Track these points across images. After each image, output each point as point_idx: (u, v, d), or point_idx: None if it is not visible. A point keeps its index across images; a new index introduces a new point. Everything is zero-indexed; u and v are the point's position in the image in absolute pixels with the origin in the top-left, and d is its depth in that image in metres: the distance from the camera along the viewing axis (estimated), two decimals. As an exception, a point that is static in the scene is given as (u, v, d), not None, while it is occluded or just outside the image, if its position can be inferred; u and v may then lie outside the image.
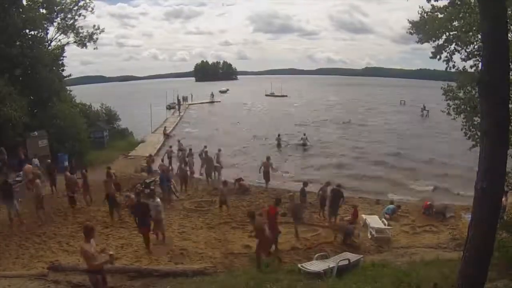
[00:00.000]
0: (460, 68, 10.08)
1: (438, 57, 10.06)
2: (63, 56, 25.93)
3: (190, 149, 20.31)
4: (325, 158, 25.12)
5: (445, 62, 9.94)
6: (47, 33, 24.65)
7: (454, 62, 9.93)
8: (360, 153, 26.74)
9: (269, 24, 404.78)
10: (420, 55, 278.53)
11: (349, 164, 23.73)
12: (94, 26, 27.27)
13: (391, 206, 14.13)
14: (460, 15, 9.66)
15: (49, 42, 25.09)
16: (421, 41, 10.61)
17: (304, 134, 29.27)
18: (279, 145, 28.26)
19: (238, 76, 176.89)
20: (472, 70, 9.75)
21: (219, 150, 20.33)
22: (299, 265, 8.34)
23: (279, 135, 29.14)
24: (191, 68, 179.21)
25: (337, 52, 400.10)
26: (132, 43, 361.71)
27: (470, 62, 9.88)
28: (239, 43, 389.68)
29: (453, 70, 10.00)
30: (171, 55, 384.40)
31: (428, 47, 10.66)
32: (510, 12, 7.06)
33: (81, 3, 25.92)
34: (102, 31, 27.60)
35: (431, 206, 14.09)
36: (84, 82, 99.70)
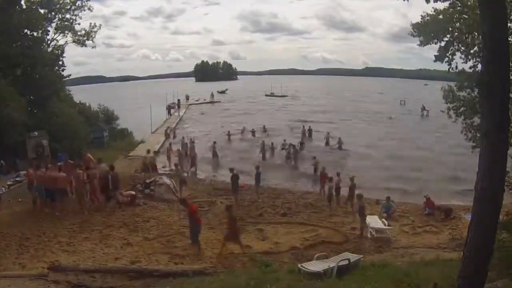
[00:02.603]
0: (460, 69, 10.14)
1: (442, 60, 10.09)
2: (63, 56, 25.98)
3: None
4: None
5: (447, 63, 9.97)
6: (47, 34, 24.71)
7: (456, 63, 9.96)
8: (361, 153, 26.80)
9: (259, 23, 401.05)
10: (416, 55, 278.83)
11: (350, 163, 23.78)
12: (91, 24, 27.33)
13: (385, 203, 14.15)
14: (460, 16, 9.70)
15: (49, 42, 25.12)
16: (422, 43, 10.62)
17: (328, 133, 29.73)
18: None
19: (238, 76, 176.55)
20: (472, 70, 9.79)
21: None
22: (299, 265, 8.33)
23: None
24: (186, 68, 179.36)
25: (333, 51, 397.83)
26: (122, 43, 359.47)
27: (470, 63, 9.94)
28: (232, 42, 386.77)
29: (455, 70, 10.04)
30: (164, 55, 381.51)
31: (425, 47, 10.73)
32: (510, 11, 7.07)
33: (78, 3, 25.96)
34: (99, 28, 27.65)
35: (433, 205, 14.05)
36: (85, 82, 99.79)
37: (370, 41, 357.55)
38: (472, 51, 9.81)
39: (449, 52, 10.03)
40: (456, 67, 10.07)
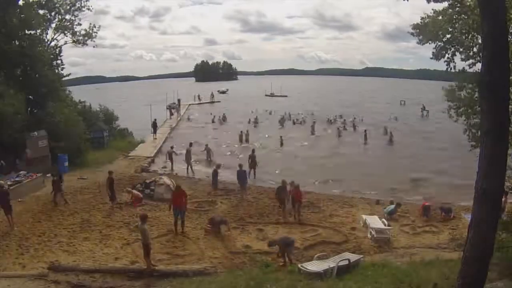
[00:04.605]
0: (460, 68, 10.14)
1: (439, 58, 10.10)
2: (60, 55, 25.89)
3: None
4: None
5: (446, 63, 9.97)
6: (47, 33, 24.69)
7: (455, 63, 9.96)
8: (363, 152, 26.85)
9: (250, 22, 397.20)
10: (415, 55, 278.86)
11: (351, 162, 23.79)
12: (90, 24, 27.29)
13: (391, 206, 14.09)
14: (460, 17, 9.70)
15: (48, 42, 25.10)
16: (421, 42, 10.65)
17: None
18: None
19: (238, 77, 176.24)
20: (472, 70, 9.80)
21: None
22: (299, 265, 8.35)
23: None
24: (182, 68, 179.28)
25: (329, 50, 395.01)
26: (115, 43, 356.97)
27: (470, 63, 9.94)
28: (225, 42, 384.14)
29: (454, 70, 10.05)
30: (158, 56, 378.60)
31: (425, 47, 10.74)
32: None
33: (78, 4, 25.95)
34: (99, 29, 27.62)
35: (429, 208, 14.04)
36: (85, 82, 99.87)
37: (365, 40, 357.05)
38: (471, 52, 9.82)
39: (448, 52, 10.04)
40: (455, 67, 10.08)
